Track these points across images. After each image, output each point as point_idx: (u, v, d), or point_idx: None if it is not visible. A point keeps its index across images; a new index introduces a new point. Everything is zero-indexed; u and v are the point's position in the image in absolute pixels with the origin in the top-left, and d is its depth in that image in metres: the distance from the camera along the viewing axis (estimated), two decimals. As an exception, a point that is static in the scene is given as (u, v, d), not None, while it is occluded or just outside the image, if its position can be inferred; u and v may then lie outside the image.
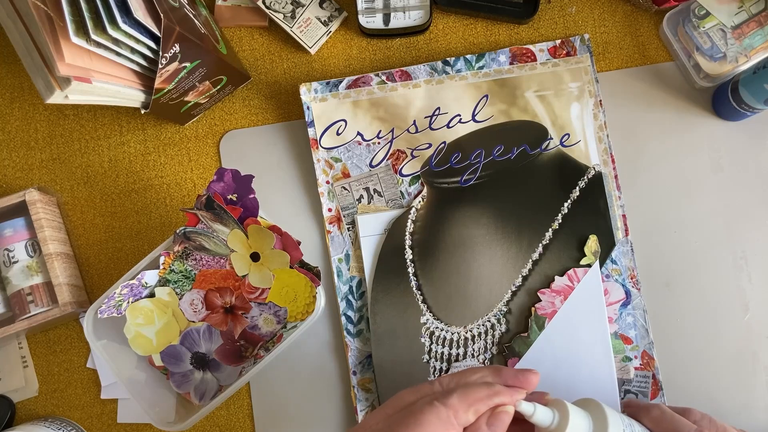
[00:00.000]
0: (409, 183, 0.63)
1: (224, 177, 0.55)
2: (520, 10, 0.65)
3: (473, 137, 0.63)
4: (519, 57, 0.64)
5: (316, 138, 0.64)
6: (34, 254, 0.63)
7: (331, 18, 0.66)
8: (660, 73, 0.65)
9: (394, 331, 0.61)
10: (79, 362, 0.65)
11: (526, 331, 0.60)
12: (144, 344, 0.60)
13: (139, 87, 0.54)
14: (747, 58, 0.61)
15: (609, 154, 0.62)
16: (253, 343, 0.62)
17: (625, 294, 0.60)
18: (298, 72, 0.67)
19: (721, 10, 0.61)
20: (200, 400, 0.61)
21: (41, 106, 0.68)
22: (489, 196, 0.62)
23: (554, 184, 0.62)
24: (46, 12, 0.46)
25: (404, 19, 0.65)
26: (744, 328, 0.61)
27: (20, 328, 0.60)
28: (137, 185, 0.67)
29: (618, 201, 0.62)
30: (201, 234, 0.57)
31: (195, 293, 0.61)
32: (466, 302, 0.61)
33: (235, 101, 0.67)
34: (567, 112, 0.63)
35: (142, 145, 0.67)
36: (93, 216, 0.67)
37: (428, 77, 0.64)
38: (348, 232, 0.63)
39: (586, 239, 0.61)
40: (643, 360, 0.60)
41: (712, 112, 0.64)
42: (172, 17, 0.50)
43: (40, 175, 0.68)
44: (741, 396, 0.61)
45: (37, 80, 0.49)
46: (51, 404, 0.65)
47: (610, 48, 0.66)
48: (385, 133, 0.64)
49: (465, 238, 0.62)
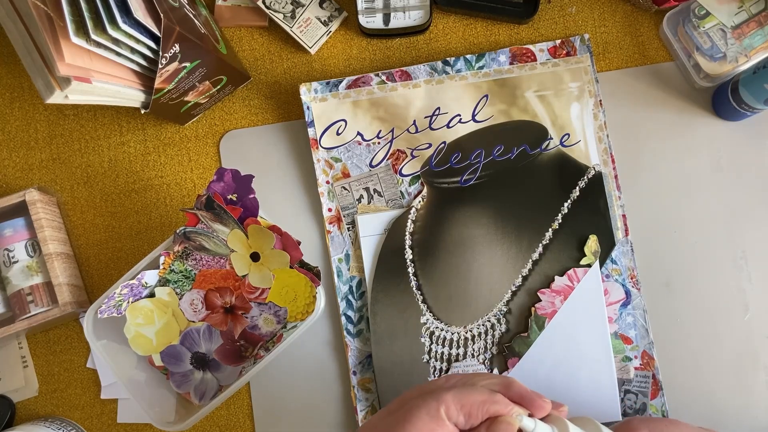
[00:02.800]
0: (409, 183, 0.63)
1: (224, 177, 0.55)
2: (520, 10, 0.65)
3: (473, 137, 0.63)
4: (519, 57, 0.64)
5: (316, 138, 0.64)
6: (34, 254, 0.63)
7: (331, 18, 0.66)
8: (660, 73, 0.65)
9: (394, 331, 0.61)
10: (79, 362, 0.65)
11: (526, 331, 0.60)
12: (144, 344, 0.60)
13: (139, 87, 0.54)
14: (747, 58, 0.61)
15: (609, 154, 0.62)
16: (253, 343, 0.62)
17: (625, 294, 0.60)
18: (298, 72, 0.67)
19: (721, 10, 0.61)
20: (200, 400, 0.61)
21: (41, 106, 0.68)
22: (489, 196, 0.62)
23: (554, 184, 0.62)
24: (46, 12, 0.46)
25: (404, 19, 0.65)
26: (744, 328, 0.61)
27: (20, 328, 0.60)
28: (137, 185, 0.67)
29: (618, 201, 0.62)
30: (201, 234, 0.57)
31: (195, 293, 0.61)
32: (466, 302, 0.61)
33: (235, 101, 0.67)
34: (567, 112, 0.63)
35: (142, 145, 0.67)
36: (93, 216, 0.67)
37: (428, 77, 0.64)
38: (348, 232, 0.63)
39: (586, 239, 0.61)
40: (643, 360, 0.60)
41: (712, 112, 0.64)
42: (172, 17, 0.50)
43: (40, 175, 0.68)
44: (741, 396, 0.61)
45: (37, 80, 0.49)
46: (51, 404, 0.65)
47: (610, 48, 0.66)
48: (385, 133, 0.64)
49: (465, 238, 0.62)
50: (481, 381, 0.41)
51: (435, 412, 0.38)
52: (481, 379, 0.41)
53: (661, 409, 0.59)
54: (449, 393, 0.39)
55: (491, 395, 0.39)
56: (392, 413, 0.41)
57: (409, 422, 0.38)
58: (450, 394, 0.39)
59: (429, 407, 0.38)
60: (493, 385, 0.41)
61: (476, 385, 0.40)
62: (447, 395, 0.39)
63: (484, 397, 0.39)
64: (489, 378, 0.42)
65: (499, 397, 0.39)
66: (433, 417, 0.38)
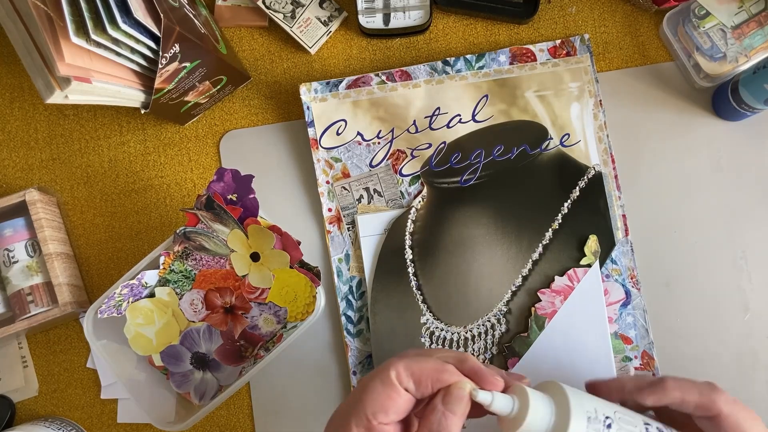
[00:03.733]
0: (409, 183, 0.63)
1: (224, 177, 0.55)
2: (520, 10, 0.65)
3: (473, 137, 0.63)
4: (519, 57, 0.64)
5: (316, 138, 0.64)
6: (34, 254, 0.63)
7: (331, 18, 0.66)
8: (660, 73, 0.65)
9: (394, 331, 0.61)
10: (79, 362, 0.65)
11: (526, 331, 0.60)
12: (144, 344, 0.60)
13: (139, 87, 0.54)
14: (747, 58, 0.61)
15: (609, 154, 0.62)
16: (253, 343, 0.62)
17: (625, 294, 0.61)
18: (298, 72, 0.67)
19: (721, 10, 0.61)
20: (200, 400, 0.61)
21: (41, 106, 0.68)
22: (489, 196, 0.62)
23: (554, 184, 0.62)
24: (46, 12, 0.46)
25: (404, 19, 0.65)
26: (744, 327, 0.61)
27: (20, 328, 0.60)
28: (137, 185, 0.67)
29: (618, 201, 0.62)
30: (201, 234, 0.57)
31: (195, 293, 0.61)
32: (466, 302, 0.61)
33: (235, 101, 0.67)
34: (567, 112, 0.63)
35: (142, 145, 0.67)
36: (93, 216, 0.67)
37: (428, 77, 0.64)
38: (348, 232, 0.63)
39: (586, 239, 0.61)
40: (643, 360, 0.60)
41: (712, 112, 0.64)
42: (172, 17, 0.50)
43: (40, 175, 0.68)
44: (741, 396, 0.60)
45: (37, 80, 0.49)
46: (51, 404, 0.65)
47: (610, 48, 0.66)
48: (385, 133, 0.64)
49: (465, 238, 0.62)
50: (437, 354, 0.42)
51: (386, 378, 0.39)
52: (437, 353, 0.42)
53: (661, 409, 0.59)
54: (401, 360, 0.40)
55: (442, 365, 0.40)
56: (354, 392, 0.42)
57: (364, 393, 0.39)
58: (402, 362, 0.40)
59: (381, 375, 0.39)
60: (447, 357, 0.42)
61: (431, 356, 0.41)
62: (399, 362, 0.40)
63: (435, 365, 0.40)
64: (445, 352, 0.43)
65: (450, 368, 0.40)
66: (385, 383, 0.39)
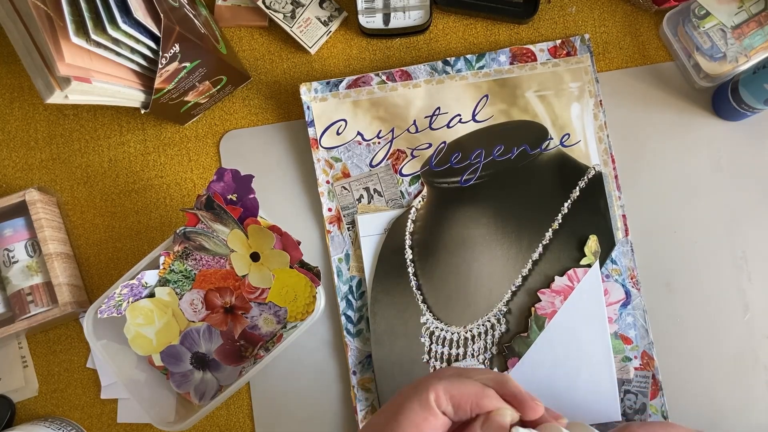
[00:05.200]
0: (409, 183, 0.63)
1: (224, 177, 0.55)
2: (520, 10, 0.65)
3: (473, 137, 0.63)
4: (519, 57, 0.64)
5: (316, 138, 0.64)
6: (34, 254, 0.63)
7: (331, 18, 0.66)
8: (660, 73, 0.65)
9: (394, 331, 0.61)
10: (79, 362, 0.65)
11: (526, 331, 0.60)
12: (144, 344, 0.60)
13: (139, 87, 0.54)
14: (747, 58, 0.61)
15: (609, 154, 0.62)
16: (253, 343, 0.62)
17: (625, 294, 0.60)
18: (298, 72, 0.67)
19: (721, 10, 0.61)
20: (200, 400, 0.61)
21: (41, 106, 0.68)
22: (489, 196, 0.62)
23: (554, 184, 0.62)
24: (46, 12, 0.46)
25: (404, 19, 0.65)
26: (744, 328, 0.61)
27: (20, 328, 0.60)
28: (137, 185, 0.67)
29: (618, 201, 0.62)
30: (201, 234, 0.57)
31: (195, 293, 0.61)
32: (466, 302, 0.61)
33: (235, 101, 0.67)
34: (567, 112, 0.63)
35: (142, 145, 0.67)
36: (93, 216, 0.67)
37: (428, 77, 0.64)
38: (348, 232, 0.63)
39: (586, 239, 0.61)
40: (643, 360, 0.60)
41: (712, 112, 0.64)
42: (172, 17, 0.50)
43: (40, 175, 0.68)
44: (741, 396, 0.61)
45: (37, 80, 0.49)
46: (51, 404, 0.65)
47: (610, 48, 0.66)
48: (385, 132, 0.64)
49: (465, 238, 0.62)
50: (476, 375, 0.41)
51: (425, 401, 0.38)
52: (476, 374, 0.41)
53: (660, 410, 0.59)
54: (441, 382, 0.39)
55: (483, 389, 0.39)
56: (387, 409, 0.40)
57: (401, 413, 0.38)
58: (441, 384, 0.38)
59: (420, 396, 0.38)
60: (487, 380, 0.40)
61: (470, 378, 0.40)
62: (438, 384, 0.38)
63: (475, 389, 0.38)
64: (485, 373, 0.41)
65: (491, 392, 0.39)
66: (424, 406, 0.38)
